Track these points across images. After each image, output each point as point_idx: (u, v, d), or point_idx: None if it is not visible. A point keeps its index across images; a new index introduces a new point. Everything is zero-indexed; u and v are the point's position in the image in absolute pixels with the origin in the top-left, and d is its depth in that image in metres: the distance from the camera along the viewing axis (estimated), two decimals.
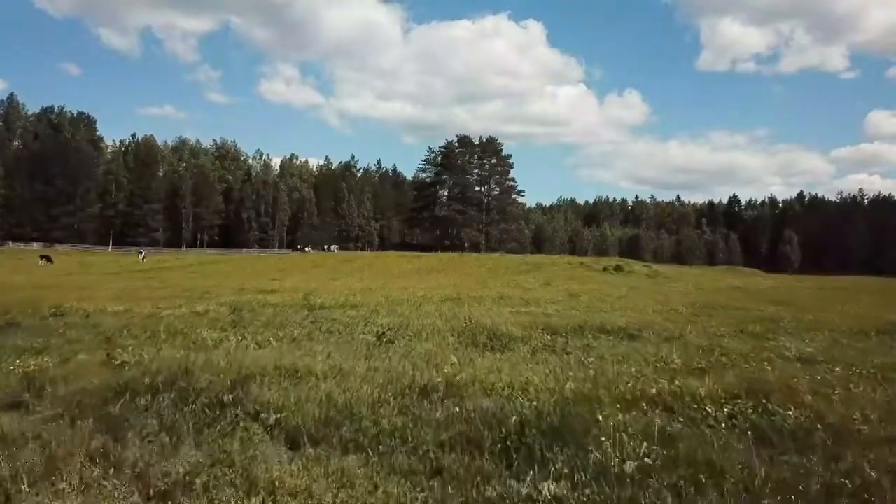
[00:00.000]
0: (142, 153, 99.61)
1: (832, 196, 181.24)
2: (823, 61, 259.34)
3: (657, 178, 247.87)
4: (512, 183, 70.29)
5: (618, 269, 41.62)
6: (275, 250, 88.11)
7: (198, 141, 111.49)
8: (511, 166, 70.31)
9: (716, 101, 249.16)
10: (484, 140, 69.30)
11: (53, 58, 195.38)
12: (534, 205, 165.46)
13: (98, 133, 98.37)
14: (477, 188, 69.60)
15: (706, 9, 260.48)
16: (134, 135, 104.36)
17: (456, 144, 69.17)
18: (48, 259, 46.95)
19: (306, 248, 55.01)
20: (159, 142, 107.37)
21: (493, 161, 69.32)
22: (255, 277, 34.38)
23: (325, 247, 58.62)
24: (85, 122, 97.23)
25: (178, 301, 16.73)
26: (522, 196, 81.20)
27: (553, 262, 40.74)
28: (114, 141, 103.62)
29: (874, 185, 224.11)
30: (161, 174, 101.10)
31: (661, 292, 27.33)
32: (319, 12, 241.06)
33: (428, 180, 68.99)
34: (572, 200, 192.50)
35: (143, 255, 46.70)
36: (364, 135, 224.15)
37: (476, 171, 69.73)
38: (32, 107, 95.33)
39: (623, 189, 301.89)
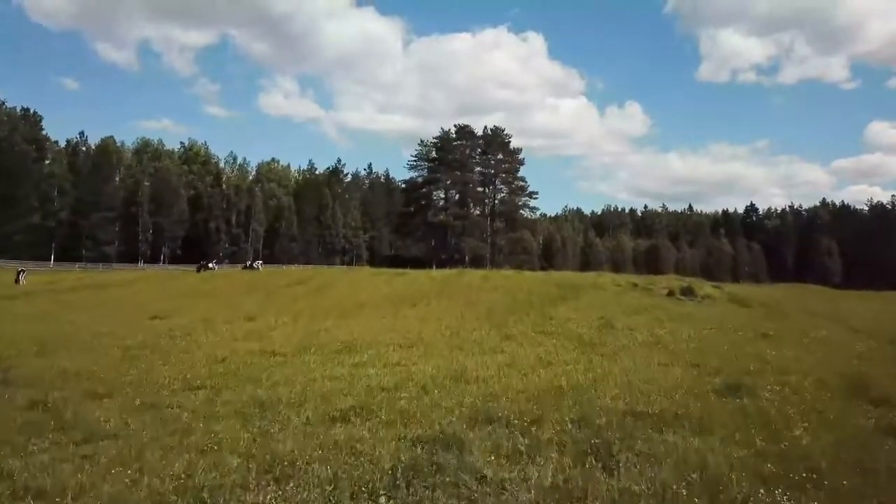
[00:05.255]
0: (92, 155, 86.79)
1: (860, 204, 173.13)
2: (824, 72, 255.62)
3: (657, 190, 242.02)
4: (522, 183, 57.59)
5: (688, 292, 28.23)
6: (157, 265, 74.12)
7: (160, 141, 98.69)
8: (521, 163, 57.80)
9: (716, 113, 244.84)
10: (488, 131, 56.73)
11: (51, 71, 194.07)
12: (538, 215, 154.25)
13: (43, 132, 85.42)
14: (480, 189, 56.81)
15: (706, 20, 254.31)
16: (82, 133, 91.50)
17: (454, 135, 56.47)
18: None
19: (210, 265, 41.15)
20: (119, 143, 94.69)
21: (500, 156, 56.69)
22: (128, 310, 21.60)
23: (248, 262, 44.48)
24: (29, 119, 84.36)
25: None
26: (535, 198, 68.81)
27: (594, 282, 26.64)
28: (67, 142, 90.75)
29: (875, 196, 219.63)
30: (117, 179, 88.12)
31: (855, 342, 14.33)
32: (319, 25, 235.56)
33: (420, 179, 56.14)
34: (578, 210, 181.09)
35: (21, 274, 33.87)
36: (363, 147, 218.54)
37: (479, 167, 57.06)
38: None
39: (622, 200, 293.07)
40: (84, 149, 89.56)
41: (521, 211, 56.54)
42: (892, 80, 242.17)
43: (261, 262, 40.59)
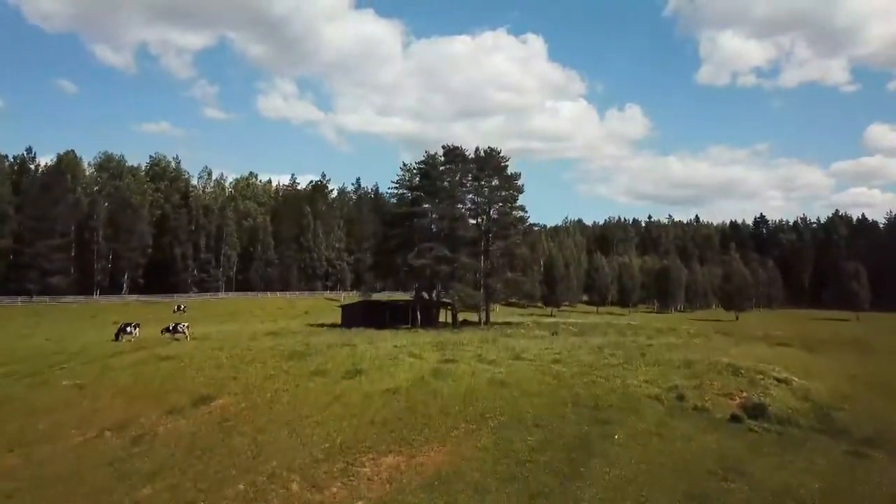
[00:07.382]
0: (42, 173, 78.00)
1: (877, 215, 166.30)
2: (824, 74, 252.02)
3: (657, 194, 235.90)
4: (522, 213, 49.01)
5: (758, 413, 19.23)
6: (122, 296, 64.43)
7: (122, 157, 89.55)
8: (520, 190, 49.03)
9: (716, 115, 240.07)
10: (481, 153, 48.12)
11: (48, 74, 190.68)
12: (536, 228, 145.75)
13: None
14: (472, 221, 48.20)
15: (706, 22, 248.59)
16: (30, 149, 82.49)
17: (441, 158, 47.87)
18: None
19: (129, 328, 31.50)
20: (78, 159, 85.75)
21: (495, 182, 48.12)
22: None
23: (169, 326, 31.87)
24: None
25: None
26: (536, 227, 60.26)
27: (626, 397, 17.59)
28: (14, 158, 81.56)
29: (874, 198, 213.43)
30: (74, 198, 79.12)
31: None
32: (318, 27, 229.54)
33: (402, 210, 47.67)
34: (579, 221, 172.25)
35: None
36: (362, 150, 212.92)
37: (471, 196, 48.43)
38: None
39: (622, 204, 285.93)
40: (32, 167, 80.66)
41: (519, 250, 47.75)
42: (892, 82, 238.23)
43: (186, 325, 31.37)
